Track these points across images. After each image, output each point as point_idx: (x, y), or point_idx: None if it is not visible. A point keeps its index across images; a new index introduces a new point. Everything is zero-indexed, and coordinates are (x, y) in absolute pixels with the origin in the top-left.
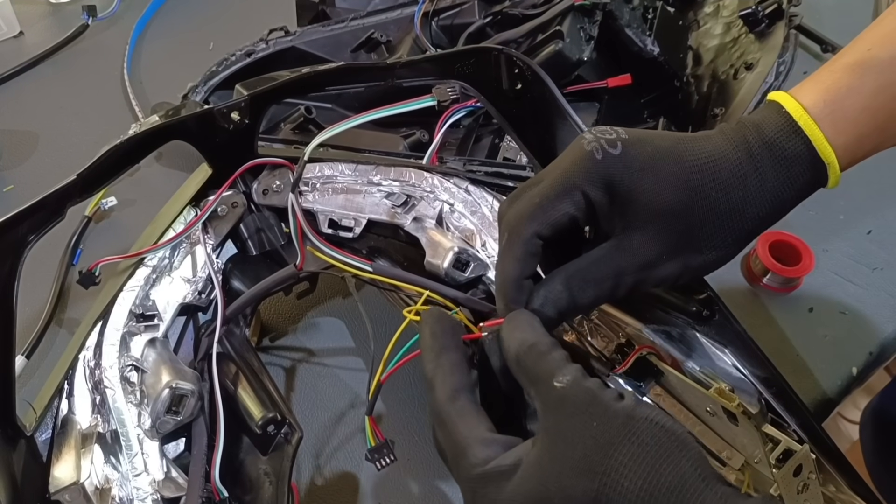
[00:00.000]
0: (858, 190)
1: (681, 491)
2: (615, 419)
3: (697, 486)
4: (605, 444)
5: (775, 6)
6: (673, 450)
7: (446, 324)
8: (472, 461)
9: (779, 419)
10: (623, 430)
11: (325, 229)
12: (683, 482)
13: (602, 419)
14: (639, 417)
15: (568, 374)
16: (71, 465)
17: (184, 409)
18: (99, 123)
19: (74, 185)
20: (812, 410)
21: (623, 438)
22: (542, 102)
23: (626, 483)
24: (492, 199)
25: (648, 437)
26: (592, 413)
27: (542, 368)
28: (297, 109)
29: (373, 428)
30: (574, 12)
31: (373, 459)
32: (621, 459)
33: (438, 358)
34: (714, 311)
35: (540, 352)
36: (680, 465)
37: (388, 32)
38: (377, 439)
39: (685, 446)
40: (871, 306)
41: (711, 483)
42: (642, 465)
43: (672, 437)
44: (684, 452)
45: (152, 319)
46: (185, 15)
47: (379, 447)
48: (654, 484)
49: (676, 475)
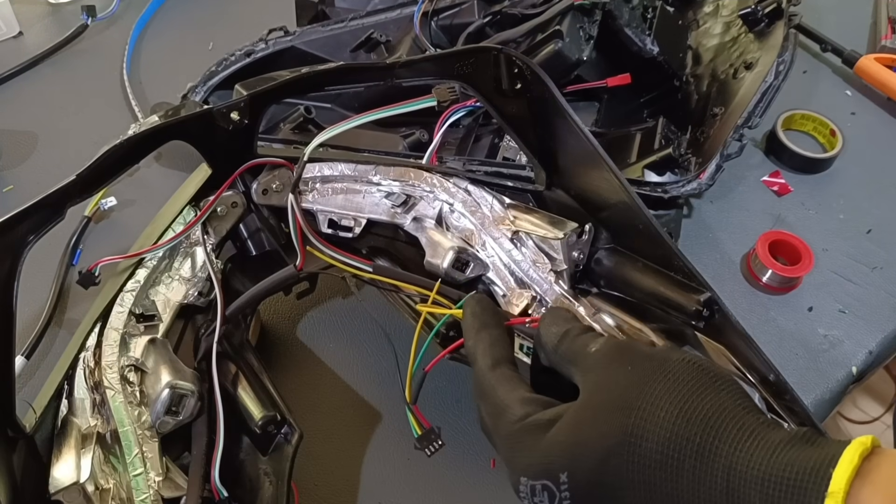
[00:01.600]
0: (858, 189)
1: (719, 416)
2: (650, 361)
3: (737, 412)
4: (640, 382)
5: (775, 5)
6: (709, 384)
7: (486, 304)
8: (510, 418)
9: (778, 418)
10: (657, 369)
11: (325, 229)
12: (722, 409)
13: (636, 362)
14: (674, 359)
15: (601, 339)
16: (71, 466)
17: (184, 409)
18: (98, 123)
19: (74, 185)
20: (812, 409)
21: (657, 376)
22: (542, 102)
23: (661, 413)
24: (491, 199)
25: (684, 374)
26: (627, 359)
27: (577, 345)
28: (297, 109)
29: (417, 417)
30: (573, 12)
31: (422, 447)
32: (656, 393)
33: (479, 333)
34: (714, 310)
35: (574, 335)
36: (719, 395)
37: (388, 32)
38: (422, 427)
39: (724, 381)
40: (871, 305)
41: (752, 411)
42: (677, 397)
43: (710, 373)
44: (724, 385)
45: (152, 320)
46: (184, 15)
47: (426, 434)
48: (689, 412)
49: (714, 403)
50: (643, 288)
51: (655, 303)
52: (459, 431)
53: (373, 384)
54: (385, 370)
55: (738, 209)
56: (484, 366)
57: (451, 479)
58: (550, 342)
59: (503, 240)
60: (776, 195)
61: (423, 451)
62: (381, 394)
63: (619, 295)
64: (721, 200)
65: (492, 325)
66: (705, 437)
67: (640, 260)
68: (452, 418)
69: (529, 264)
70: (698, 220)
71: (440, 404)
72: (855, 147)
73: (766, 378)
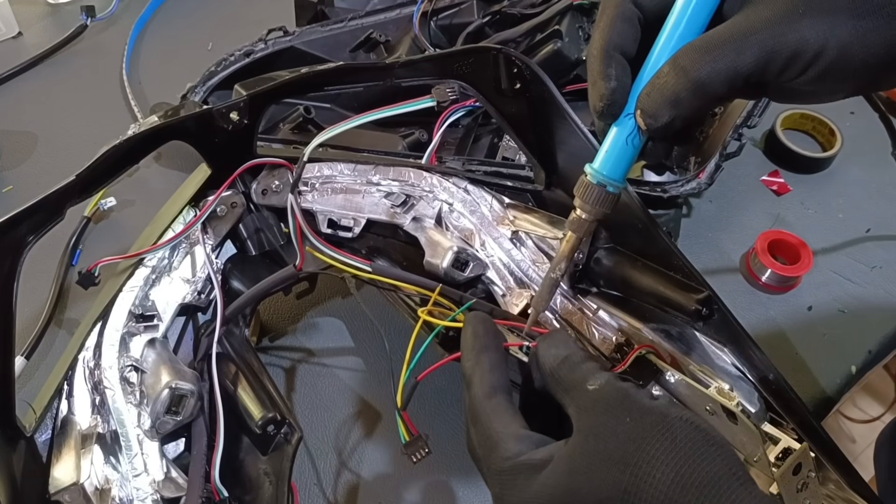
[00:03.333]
0: (857, 188)
1: (714, 486)
2: (649, 415)
3: (731, 484)
4: (638, 437)
5: None
6: (707, 448)
7: (489, 326)
8: (503, 454)
9: (778, 418)
10: (657, 426)
11: (325, 229)
12: (717, 479)
13: (635, 415)
14: (673, 416)
15: (601, 378)
16: (71, 466)
17: (183, 410)
18: (98, 124)
19: (73, 185)
20: (811, 409)
21: (657, 433)
22: (541, 102)
23: (657, 475)
24: (491, 199)
25: (682, 435)
26: (626, 409)
27: (576, 376)
28: (296, 109)
29: (406, 423)
30: (572, 11)
31: (408, 454)
32: (653, 453)
33: (479, 356)
34: (713, 309)
35: (573, 362)
36: (714, 462)
37: (387, 32)
38: (411, 434)
39: (720, 446)
40: (870, 304)
41: (746, 484)
42: (675, 459)
43: (706, 436)
44: (719, 452)
45: (152, 320)
46: (183, 15)
47: (413, 441)
48: (686, 477)
49: (710, 472)
50: (642, 287)
51: (655, 302)
52: (459, 431)
53: (372, 384)
54: (385, 370)
55: (737, 209)
56: (481, 393)
57: (451, 479)
58: (548, 364)
59: (503, 239)
60: (775, 194)
61: (409, 457)
62: (380, 394)
63: (619, 294)
64: (720, 200)
65: (492, 348)
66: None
67: (639, 259)
68: (452, 418)
69: (529, 264)
70: (697, 219)
71: (440, 404)
72: (854, 146)
73: (765, 377)
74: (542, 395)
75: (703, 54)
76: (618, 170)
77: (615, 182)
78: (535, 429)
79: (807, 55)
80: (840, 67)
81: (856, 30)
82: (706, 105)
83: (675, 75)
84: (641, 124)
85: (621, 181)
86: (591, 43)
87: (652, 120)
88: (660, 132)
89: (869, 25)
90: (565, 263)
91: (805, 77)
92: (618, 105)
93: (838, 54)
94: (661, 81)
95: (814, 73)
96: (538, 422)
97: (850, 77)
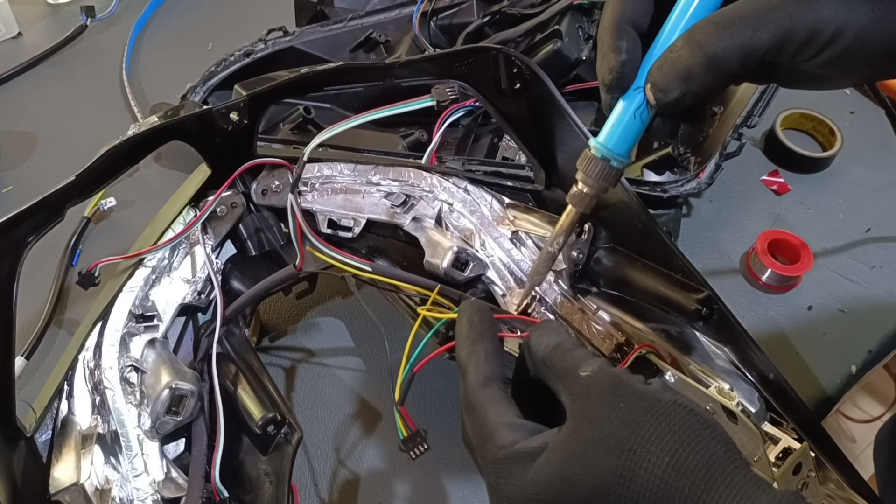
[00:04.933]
0: (857, 188)
1: (710, 469)
2: (643, 400)
3: (727, 466)
4: (632, 422)
5: None
6: (702, 431)
7: (485, 314)
8: (498, 443)
9: (778, 417)
10: (651, 410)
11: (325, 229)
12: (713, 462)
13: (629, 400)
14: (667, 400)
15: (593, 364)
16: (71, 466)
17: (183, 410)
18: (98, 124)
19: (73, 185)
20: (811, 408)
21: (651, 417)
22: (541, 102)
23: (652, 459)
24: (490, 199)
25: (677, 418)
26: (619, 394)
27: (568, 363)
28: (296, 109)
29: (404, 418)
30: (572, 11)
31: (406, 450)
32: (648, 437)
33: (474, 345)
34: (713, 309)
35: (565, 349)
36: (709, 445)
37: (387, 32)
38: (409, 429)
39: (714, 430)
40: (870, 304)
41: (741, 466)
42: (670, 443)
43: (701, 420)
44: (714, 435)
45: (152, 320)
46: (183, 15)
47: (412, 437)
48: (681, 461)
49: (705, 455)
50: (642, 287)
51: (655, 302)
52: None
53: (372, 384)
54: (385, 370)
55: (737, 208)
56: (475, 382)
57: (451, 479)
58: (540, 352)
59: (503, 239)
60: (775, 194)
61: (408, 454)
62: (380, 394)
63: (619, 294)
64: (720, 200)
65: (487, 337)
66: (694, 489)
67: (639, 259)
68: (452, 418)
69: (529, 264)
70: (697, 219)
71: (440, 404)
72: (854, 146)
73: (765, 377)
74: (536, 384)
75: (720, 29)
76: (623, 144)
77: (619, 157)
78: (529, 418)
79: (824, 35)
80: (856, 50)
81: (874, 13)
82: (718, 82)
83: (689, 49)
84: (651, 98)
85: (625, 156)
86: (603, 16)
87: (662, 94)
88: (669, 107)
89: (887, 10)
90: (563, 237)
91: (820, 58)
92: (627, 79)
93: (855, 37)
94: (675, 55)
95: (829, 54)
96: (532, 411)
97: (864, 61)
